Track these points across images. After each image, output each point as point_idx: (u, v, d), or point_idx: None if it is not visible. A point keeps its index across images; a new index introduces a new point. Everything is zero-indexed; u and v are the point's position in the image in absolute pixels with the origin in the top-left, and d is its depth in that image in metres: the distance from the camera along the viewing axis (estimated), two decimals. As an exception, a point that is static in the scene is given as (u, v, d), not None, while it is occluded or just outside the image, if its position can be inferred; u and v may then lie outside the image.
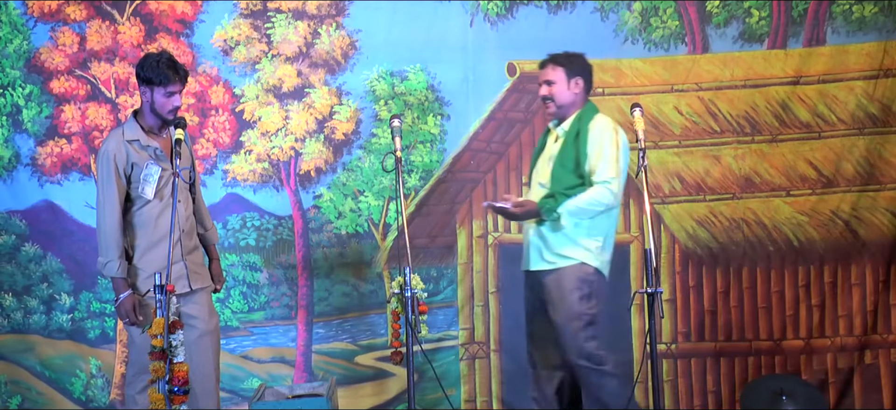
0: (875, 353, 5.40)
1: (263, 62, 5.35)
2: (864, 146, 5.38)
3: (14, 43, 5.24)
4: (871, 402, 5.35)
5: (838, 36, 5.39)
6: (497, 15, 5.38)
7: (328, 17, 5.36)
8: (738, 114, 5.41)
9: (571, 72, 4.39)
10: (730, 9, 5.40)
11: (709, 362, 5.44)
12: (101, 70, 5.29)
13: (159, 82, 4.15)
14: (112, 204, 4.15)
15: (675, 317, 5.42)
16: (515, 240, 5.39)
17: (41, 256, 5.26)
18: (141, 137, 4.21)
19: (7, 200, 5.25)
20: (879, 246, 5.37)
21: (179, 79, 4.19)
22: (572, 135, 4.34)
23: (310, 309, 5.38)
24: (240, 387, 5.33)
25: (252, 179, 5.37)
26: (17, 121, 5.27)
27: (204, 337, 4.30)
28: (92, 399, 5.29)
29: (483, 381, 5.41)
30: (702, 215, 5.43)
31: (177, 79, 4.17)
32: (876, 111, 5.38)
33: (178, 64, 4.22)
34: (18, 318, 5.28)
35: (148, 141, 4.22)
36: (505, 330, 5.41)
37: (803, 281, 5.43)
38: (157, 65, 4.15)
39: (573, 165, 4.29)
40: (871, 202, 5.38)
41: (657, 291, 3.79)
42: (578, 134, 4.31)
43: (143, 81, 4.19)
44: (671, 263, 5.43)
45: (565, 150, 4.33)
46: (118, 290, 4.18)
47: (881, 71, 5.37)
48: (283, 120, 5.36)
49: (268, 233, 5.36)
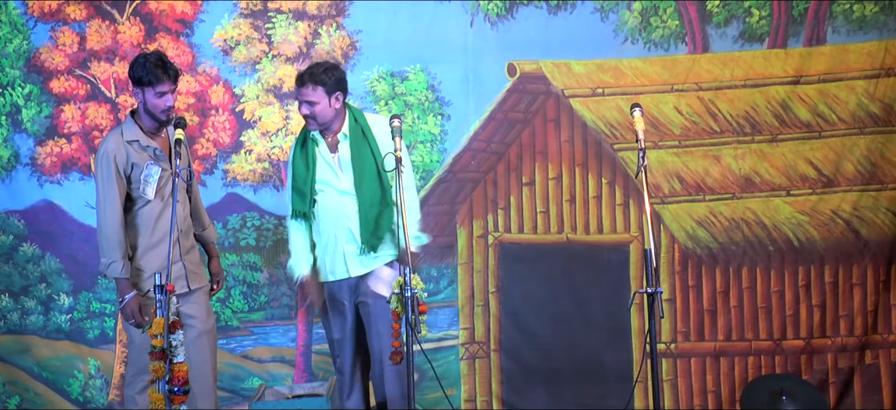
0: (875, 353, 5.40)
1: (264, 62, 5.35)
2: (865, 145, 5.37)
3: (14, 42, 5.24)
4: (872, 402, 5.35)
5: (839, 35, 5.39)
6: (497, 15, 5.38)
7: (328, 17, 5.36)
8: (738, 113, 5.40)
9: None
10: (730, 8, 5.40)
11: (708, 362, 5.44)
12: (100, 70, 5.29)
13: (149, 82, 4.14)
14: (113, 204, 4.15)
15: (674, 317, 5.42)
16: (516, 240, 5.40)
17: (40, 256, 5.26)
18: (140, 137, 4.21)
19: (5, 200, 5.26)
20: (880, 245, 5.37)
21: (169, 79, 4.17)
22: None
23: (310, 309, 5.38)
24: (240, 387, 5.33)
25: (252, 179, 5.37)
26: (17, 120, 5.27)
27: (202, 336, 4.30)
28: (90, 399, 5.29)
29: (483, 381, 5.41)
30: (701, 215, 5.43)
31: (166, 79, 4.15)
32: (877, 110, 5.37)
33: (169, 63, 4.20)
34: (15, 319, 5.28)
35: (147, 141, 4.22)
36: (505, 330, 5.41)
37: (803, 281, 5.43)
38: (145, 65, 4.14)
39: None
40: (872, 202, 5.37)
41: (657, 291, 3.77)
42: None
43: (135, 82, 4.19)
44: (671, 263, 5.43)
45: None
46: (122, 291, 4.17)
47: (882, 70, 5.37)
48: (284, 120, 5.37)
49: (268, 233, 5.36)
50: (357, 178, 4.37)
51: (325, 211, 4.40)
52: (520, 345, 5.40)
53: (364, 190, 4.36)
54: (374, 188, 4.37)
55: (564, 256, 5.40)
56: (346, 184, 4.38)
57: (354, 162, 4.38)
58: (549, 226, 5.43)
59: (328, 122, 4.38)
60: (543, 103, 5.41)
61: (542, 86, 5.40)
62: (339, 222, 4.38)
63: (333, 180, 4.41)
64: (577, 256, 5.40)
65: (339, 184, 4.39)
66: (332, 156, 4.42)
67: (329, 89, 4.34)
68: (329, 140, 4.44)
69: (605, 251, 5.41)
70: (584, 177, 5.42)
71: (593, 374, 5.38)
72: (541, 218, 5.43)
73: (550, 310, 5.41)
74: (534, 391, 5.39)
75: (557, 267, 5.38)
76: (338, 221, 4.38)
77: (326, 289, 4.47)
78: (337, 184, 4.40)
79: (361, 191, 4.36)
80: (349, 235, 4.38)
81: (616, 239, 5.42)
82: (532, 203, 5.43)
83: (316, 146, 4.43)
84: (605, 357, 5.40)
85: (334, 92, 4.36)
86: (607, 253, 5.41)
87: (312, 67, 4.39)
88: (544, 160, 5.42)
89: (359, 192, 4.36)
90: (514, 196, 5.44)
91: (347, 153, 4.40)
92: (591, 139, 5.41)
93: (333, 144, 4.42)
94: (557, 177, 5.43)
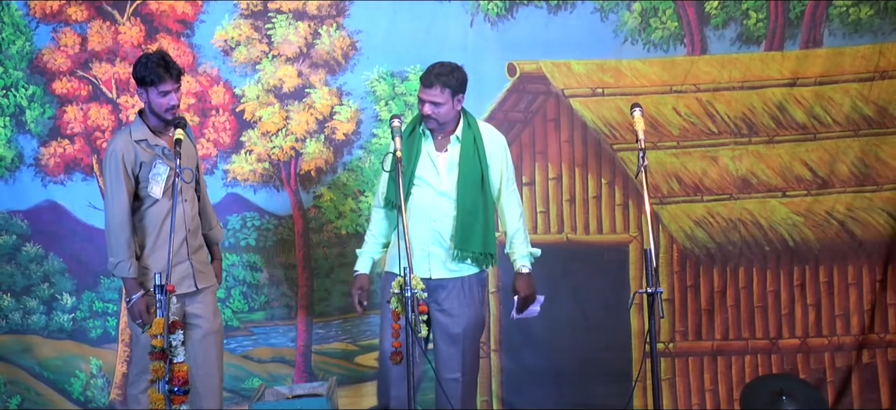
0: (872, 352, 5.44)
1: (264, 62, 5.36)
2: (859, 147, 5.41)
3: (17, 44, 5.24)
4: (870, 401, 5.39)
5: (835, 38, 5.42)
6: (497, 15, 5.40)
7: (328, 17, 5.37)
8: (735, 115, 5.43)
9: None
10: (728, 10, 5.43)
11: (706, 361, 5.47)
12: (102, 70, 5.29)
13: (152, 82, 4.14)
14: (121, 203, 4.15)
15: (672, 317, 5.44)
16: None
17: (43, 256, 5.26)
18: (148, 137, 4.22)
19: (9, 200, 5.25)
20: (876, 245, 5.41)
21: (172, 78, 4.16)
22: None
23: (310, 309, 5.39)
24: (240, 387, 5.34)
25: (252, 179, 5.37)
26: (21, 121, 5.25)
27: (208, 336, 4.31)
28: (91, 399, 5.28)
29: (483, 381, 5.42)
30: (699, 215, 5.46)
31: (169, 78, 4.15)
32: (871, 113, 5.41)
33: (171, 62, 4.20)
34: (17, 319, 5.27)
35: (155, 140, 4.23)
36: (505, 330, 5.43)
37: (799, 281, 5.47)
38: (148, 64, 4.15)
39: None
40: (867, 203, 5.41)
41: (657, 291, 3.79)
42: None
43: (139, 82, 4.19)
44: (669, 263, 5.46)
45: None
46: (130, 291, 4.17)
47: (876, 73, 5.41)
48: (284, 120, 5.37)
49: (268, 233, 5.37)
50: (461, 182, 4.35)
51: (417, 207, 4.37)
52: (520, 345, 5.42)
53: (465, 195, 4.35)
54: (475, 196, 4.36)
55: (564, 256, 5.41)
56: (446, 184, 4.36)
57: (462, 166, 4.37)
58: (549, 226, 5.45)
59: (448, 123, 4.38)
60: (543, 103, 5.43)
61: (542, 86, 5.42)
62: (429, 221, 4.36)
63: (433, 178, 4.39)
64: (577, 256, 5.43)
65: (439, 184, 4.38)
66: (437, 155, 4.41)
67: (454, 91, 4.35)
68: (440, 138, 4.43)
69: (604, 251, 5.44)
70: (583, 177, 5.45)
71: (593, 374, 5.41)
72: (541, 219, 5.46)
73: (550, 310, 5.39)
74: (534, 391, 5.41)
75: (557, 268, 5.39)
76: (429, 220, 4.36)
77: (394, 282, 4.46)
78: (436, 184, 4.38)
79: (462, 196, 4.35)
80: (436, 236, 4.37)
81: (616, 240, 5.44)
82: (532, 203, 5.45)
83: (423, 140, 4.43)
84: (605, 357, 5.42)
85: (458, 94, 4.37)
86: (607, 254, 5.44)
87: (438, 68, 4.37)
88: (544, 160, 5.45)
89: (460, 196, 4.35)
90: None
91: (457, 156, 4.39)
92: (590, 139, 5.43)
93: (443, 144, 4.41)
94: (557, 178, 5.45)
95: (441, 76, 4.33)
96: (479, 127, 4.48)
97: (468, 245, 4.35)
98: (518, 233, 4.46)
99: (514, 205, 4.49)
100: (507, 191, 4.48)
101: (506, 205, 4.47)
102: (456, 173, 4.37)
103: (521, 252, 4.46)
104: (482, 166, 4.38)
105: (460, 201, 4.35)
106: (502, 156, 4.47)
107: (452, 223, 4.36)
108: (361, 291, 4.48)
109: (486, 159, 4.40)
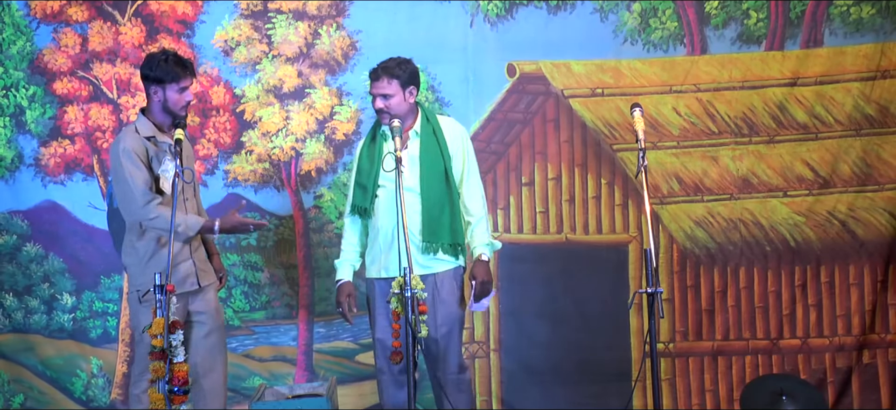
0: (873, 353, 5.43)
1: (264, 62, 5.37)
2: (861, 147, 5.40)
3: (17, 44, 5.25)
4: (870, 402, 5.38)
5: (835, 37, 5.41)
6: (497, 15, 5.40)
7: (328, 17, 5.38)
8: (735, 115, 5.43)
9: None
10: (728, 10, 5.42)
11: (706, 361, 5.47)
12: (102, 71, 5.30)
13: (171, 80, 4.17)
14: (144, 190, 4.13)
15: (673, 317, 5.44)
16: (516, 240, 5.42)
17: (43, 256, 5.27)
18: (156, 134, 4.24)
19: (9, 201, 5.27)
20: (877, 246, 5.40)
21: (189, 75, 4.23)
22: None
23: (311, 308, 5.40)
24: (241, 386, 5.35)
25: (253, 179, 5.38)
26: (21, 121, 5.27)
27: (212, 333, 4.34)
28: (92, 398, 5.30)
29: (483, 381, 5.43)
30: (700, 215, 5.46)
31: (187, 75, 4.22)
32: (873, 112, 5.40)
33: (185, 60, 4.27)
34: (19, 318, 5.29)
35: (162, 137, 4.25)
36: (505, 330, 5.43)
37: (800, 281, 5.46)
38: (164, 63, 4.18)
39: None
40: (869, 202, 5.41)
41: (657, 291, 3.79)
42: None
43: (154, 81, 4.20)
44: (669, 263, 5.46)
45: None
46: (208, 228, 4.26)
47: (878, 72, 5.40)
48: (284, 120, 5.38)
49: (269, 233, 5.38)
50: (423, 176, 4.37)
51: (384, 207, 4.40)
52: (519, 345, 5.42)
53: (430, 188, 4.36)
54: (440, 188, 4.38)
55: (564, 256, 5.42)
56: (410, 180, 4.35)
57: (423, 159, 4.38)
58: (549, 227, 5.46)
59: (402, 116, 4.37)
60: (543, 103, 5.43)
61: (542, 86, 5.42)
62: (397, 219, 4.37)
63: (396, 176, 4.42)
64: (576, 256, 5.43)
65: (404, 181, 4.38)
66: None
67: (404, 82, 4.36)
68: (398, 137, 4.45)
69: (604, 251, 5.44)
70: (583, 177, 5.45)
71: (593, 374, 5.40)
72: (540, 219, 5.46)
73: (550, 310, 5.42)
74: (534, 391, 5.41)
75: (557, 268, 5.40)
76: (398, 217, 4.38)
77: (376, 287, 4.46)
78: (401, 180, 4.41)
79: (426, 189, 4.36)
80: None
81: (615, 240, 5.44)
82: (531, 203, 5.45)
83: (384, 141, 4.44)
84: (605, 357, 5.42)
85: (408, 86, 4.38)
86: (606, 254, 5.43)
87: (386, 61, 4.40)
88: (544, 160, 5.45)
89: (423, 190, 4.36)
90: (514, 196, 5.46)
91: (417, 150, 4.41)
92: (590, 139, 5.43)
93: (403, 142, 4.39)
94: (557, 178, 5.45)
95: (388, 69, 4.36)
96: (439, 120, 4.50)
97: (436, 237, 4.37)
98: (480, 223, 4.46)
99: (477, 194, 4.49)
100: (469, 181, 4.48)
101: (467, 195, 4.47)
102: (418, 168, 4.39)
103: (482, 240, 4.46)
104: (444, 158, 4.40)
105: (425, 194, 4.36)
106: (463, 146, 4.49)
107: (419, 217, 4.37)
108: (350, 298, 4.49)
109: (447, 151, 4.41)
